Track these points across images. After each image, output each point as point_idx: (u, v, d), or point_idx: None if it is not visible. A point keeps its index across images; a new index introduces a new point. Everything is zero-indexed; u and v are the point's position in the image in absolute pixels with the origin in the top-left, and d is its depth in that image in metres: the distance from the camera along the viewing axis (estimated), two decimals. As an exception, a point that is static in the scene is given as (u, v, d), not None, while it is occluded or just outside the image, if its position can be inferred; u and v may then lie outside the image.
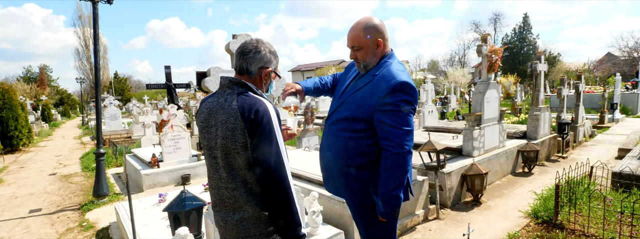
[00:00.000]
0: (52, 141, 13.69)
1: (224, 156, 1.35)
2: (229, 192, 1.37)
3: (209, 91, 2.33)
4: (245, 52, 1.42)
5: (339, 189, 1.84)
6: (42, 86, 37.30)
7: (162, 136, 5.91)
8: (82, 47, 35.41)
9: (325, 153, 1.86)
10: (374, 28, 1.66)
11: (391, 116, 1.57)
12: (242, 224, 1.37)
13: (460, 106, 17.06)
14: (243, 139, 1.30)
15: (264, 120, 1.30)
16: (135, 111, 16.15)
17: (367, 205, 1.75)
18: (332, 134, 1.80)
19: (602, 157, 5.97)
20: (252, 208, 1.36)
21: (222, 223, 1.44)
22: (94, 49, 4.97)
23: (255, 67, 1.42)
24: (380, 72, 1.67)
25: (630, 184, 3.71)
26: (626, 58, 34.72)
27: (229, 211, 1.40)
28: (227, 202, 1.39)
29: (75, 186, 6.17)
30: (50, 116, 22.64)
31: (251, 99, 1.35)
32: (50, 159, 9.29)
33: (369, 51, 1.68)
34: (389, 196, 1.62)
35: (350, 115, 1.70)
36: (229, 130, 1.31)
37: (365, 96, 1.66)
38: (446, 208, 3.96)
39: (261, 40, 1.46)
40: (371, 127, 1.66)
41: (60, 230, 4.10)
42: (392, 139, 1.57)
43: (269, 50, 1.45)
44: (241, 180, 1.35)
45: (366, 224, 1.81)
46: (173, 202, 2.75)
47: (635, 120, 10.34)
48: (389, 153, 1.58)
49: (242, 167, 1.34)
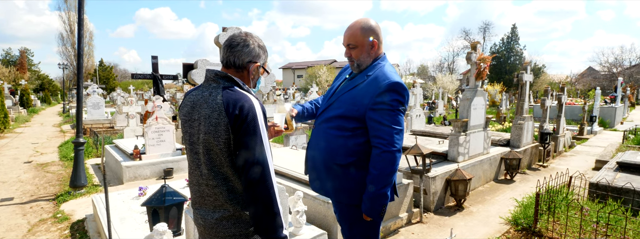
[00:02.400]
0: (29, 127, 13.21)
1: (206, 152, 1.30)
2: (210, 189, 1.33)
3: (195, 83, 2.28)
4: (233, 45, 1.36)
5: (325, 189, 1.83)
6: (22, 70, 35.89)
7: (145, 128, 5.77)
8: (67, 32, 34.18)
9: (314, 151, 1.84)
10: (371, 29, 1.70)
11: (384, 114, 1.61)
12: (222, 223, 1.33)
13: (447, 111, 17.31)
14: (226, 136, 1.26)
15: (249, 116, 1.25)
16: (119, 100, 15.76)
17: (353, 205, 1.75)
18: (322, 132, 1.80)
19: (581, 167, 6.14)
20: (233, 207, 1.32)
21: (201, 221, 1.39)
22: (78, 34, 4.80)
23: (243, 61, 1.37)
24: (373, 73, 1.70)
25: (606, 195, 3.82)
26: (606, 73, 36.04)
27: (209, 209, 1.35)
28: (207, 200, 1.35)
29: (51, 176, 5.96)
30: (29, 102, 21.83)
31: (237, 94, 1.30)
32: (27, 146, 8.95)
33: (364, 50, 1.72)
34: (378, 194, 1.62)
35: (342, 113, 1.71)
36: (212, 125, 1.27)
37: (359, 94, 1.68)
38: (429, 212, 4.00)
39: (250, 33, 1.41)
40: (362, 126, 1.68)
41: (32, 221, 3.94)
42: (384, 137, 1.60)
43: (258, 45, 1.40)
44: (223, 178, 1.31)
45: (351, 223, 1.81)
46: (153, 196, 2.68)
47: (612, 133, 10.71)
48: (380, 151, 1.60)
49: (224, 164, 1.29)
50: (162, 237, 2.12)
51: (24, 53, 40.03)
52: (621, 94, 14.30)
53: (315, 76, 31.60)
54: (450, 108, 18.91)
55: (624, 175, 4.32)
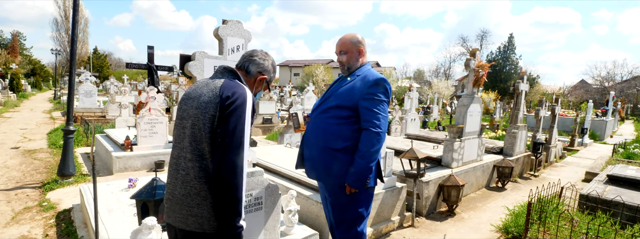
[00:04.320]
0: (18, 112, 12.94)
1: (191, 126, 1.38)
2: (185, 162, 1.39)
3: (191, 75, 2.23)
4: (253, 55, 1.61)
5: (319, 173, 2.09)
6: (13, 54, 35.16)
7: (138, 119, 5.67)
8: (61, 18, 33.58)
9: (309, 139, 2.13)
10: (358, 41, 2.14)
11: (372, 103, 1.98)
12: (187, 200, 1.37)
13: (442, 116, 17.41)
14: (213, 112, 1.34)
15: (238, 100, 1.36)
16: (112, 89, 15.53)
17: (345, 186, 2.02)
18: (320, 121, 2.10)
19: (571, 178, 6.21)
20: (201, 185, 1.36)
21: (169, 196, 1.45)
22: (73, 20, 4.68)
23: (255, 70, 1.59)
24: (362, 73, 2.10)
25: (595, 207, 3.85)
26: (598, 87, 36.63)
27: (179, 183, 1.40)
28: (180, 173, 1.40)
29: (39, 163, 5.83)
30: (20, 86, 21.42)
31: (236, 83, 1.43)
32: (14, 131, 8.76)
33: (353, 56, 2.13)
34: (365, 167, 1.95)
35: (338, 103, 2.05)
36: (204, 102, 1.37)
37: (352, 88, 2.04)
38: (421, 217, 3.99)
39: (268, 53, 1.67)
40: (355, 115, 2.02)
41: (16, 208, 3.84)
42: (372, 120, 1.97)
43: (271, 63, 1.65)
44: (199, 154, 1.36)
45: (344, 205, 2.06)
46: (143, 189, 2.61)
47: (602, 146, 10.86)
48: (369, 132, 1.96)
49: (203, 140, 1.35)
50: (150, 231, 2.07)
51: (16, 36, 39.19)
52: (612, 108, 14.52)
53: (312, 74, 31.54)
54: (445, 114, 19.01)
55: (613, 188, 4.37)
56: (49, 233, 3.26)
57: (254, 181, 2.37)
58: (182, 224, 1.40)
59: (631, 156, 7.56)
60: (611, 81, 36.45)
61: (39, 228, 3.37)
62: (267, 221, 2.50)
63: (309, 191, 3.37)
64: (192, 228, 1.38)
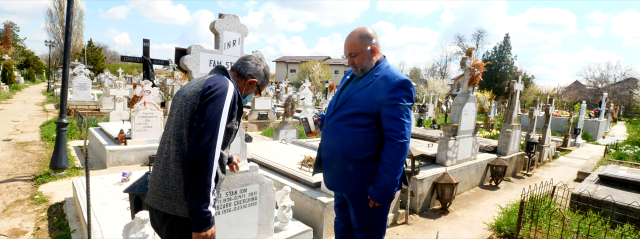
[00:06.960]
0: (11, 104, 12.78)
1: (177, 113, 1.47)
2: (167, 146, 1.47)
3: (187, 69, 2.20)
4: (247, 59, 1.69)
5: (341, 185, 1.94)
6: (5, 45, 34.58)
7: (132, 112, 5.63)
8: (56, 9, 33.04)
9: (328, 148, 1.96)
10: (368, 36, 1.88)
11: (397, 110, 1.78)
12: (164, 182, 1.44)
13: (437, 115, 17.48)
14: (194, 100, 1.44)
15: (218, 91, 1.44)
16: (107, 82, 15.38)
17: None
18: (338, 130, 1.91)
19: (563, 178, 6.28)
20: (176, 169, 1.42)
21: (151, 178, 1.52)
22: (68, 11, 4.61)
23: (246, 73, 1.66)
24: (381, 73, 1.86)
25: (587, 206, 3.90)
26: (591, 88, 36.99)
27: (160, 166, 1.48)
28: (162, 156, 1.48)
29: (31, 155, 5.77)
30: (12, 78, 21.12)
31: (222, 78, 1.52)
32: (6, 123, 8.65)
33: (365, 57, 1.88)
34: (391, 182, 1.78)
35: (357, 111, 1.85)
36: (190, 92, 1.47)
37: (372, 92, 1.83)
38: (415, 214, 4.02)
39: (263, 60, 1.74)
40: (376, 122, 1.83)
41: (8, 201, 3.80)
42: (397, 130, 1.77)
43: (263, 69, 1.71)
44: (178, 138, 1.44)
45: (370, 213, 1.93)
46: (136, 183, 2.59)
47: (594, 146, 10.99)
48: (394, 142, 1.77)
49: (183, 125, 1.43)
50: (143, 225, 2.06)
51: (9, 27, 38.51)
52: (605, 109, 14.67)
53: (309, 71, 31.44)
54: (440, 112, 19.09)
55: (604, 188, 4.42)
56: (40, 226, 3.23)
57: (249, 176, 2.36)
58: (157, 205, 1.47)
59: (623, 156, 7.66)
60: (604, 82, 36.83)
61: (30, 221, 3.34)
62: (261, 217, 2.50)
63: (304, 187, 3.37)
64: (165, 209, 1.44)
